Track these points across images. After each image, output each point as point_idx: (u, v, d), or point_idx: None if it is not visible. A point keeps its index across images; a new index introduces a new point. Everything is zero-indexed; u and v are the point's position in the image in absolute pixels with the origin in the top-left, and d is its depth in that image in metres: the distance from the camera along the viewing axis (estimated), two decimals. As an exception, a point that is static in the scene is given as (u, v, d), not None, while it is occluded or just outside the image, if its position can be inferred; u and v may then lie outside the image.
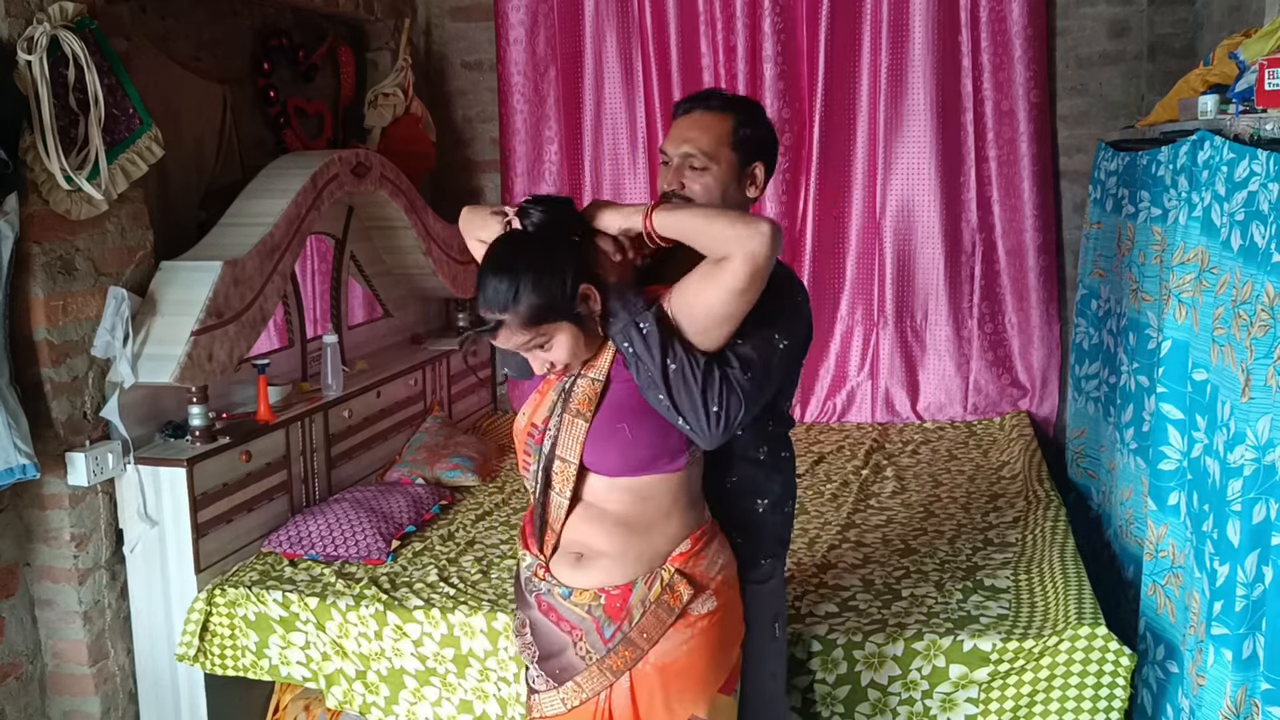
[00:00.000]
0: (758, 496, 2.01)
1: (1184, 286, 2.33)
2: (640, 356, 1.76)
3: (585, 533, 1.85)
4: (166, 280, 2.70)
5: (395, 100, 3.93)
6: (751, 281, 1.72)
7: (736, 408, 1.76)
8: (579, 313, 1.77)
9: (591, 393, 1.82)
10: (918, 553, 2.86)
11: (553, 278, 1.74)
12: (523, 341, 1.78)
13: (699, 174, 1.92)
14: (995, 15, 3.95)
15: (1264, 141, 2.05)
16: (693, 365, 1.75)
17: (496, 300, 1.74)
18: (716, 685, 1.87)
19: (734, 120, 1.94)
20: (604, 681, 1.82)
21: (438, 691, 2.57)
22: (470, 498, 3.37)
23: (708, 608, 1.85)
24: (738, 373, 1.77)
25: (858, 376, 4.25)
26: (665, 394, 1.75)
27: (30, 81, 2.31)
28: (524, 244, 1.79)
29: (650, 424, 1.80)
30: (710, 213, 1.78)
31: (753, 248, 1.69)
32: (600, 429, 1.81)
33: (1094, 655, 2.26)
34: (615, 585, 1.82)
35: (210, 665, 2.69)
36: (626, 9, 4.20)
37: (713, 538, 1.90)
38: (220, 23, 3.27)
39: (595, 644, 1.83)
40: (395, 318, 4.01)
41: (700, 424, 1.76)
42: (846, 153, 4.14)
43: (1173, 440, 2.42)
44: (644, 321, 1.77)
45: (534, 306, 1.73)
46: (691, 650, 1.83)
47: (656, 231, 1.78)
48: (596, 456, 1.82)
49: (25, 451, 2.32)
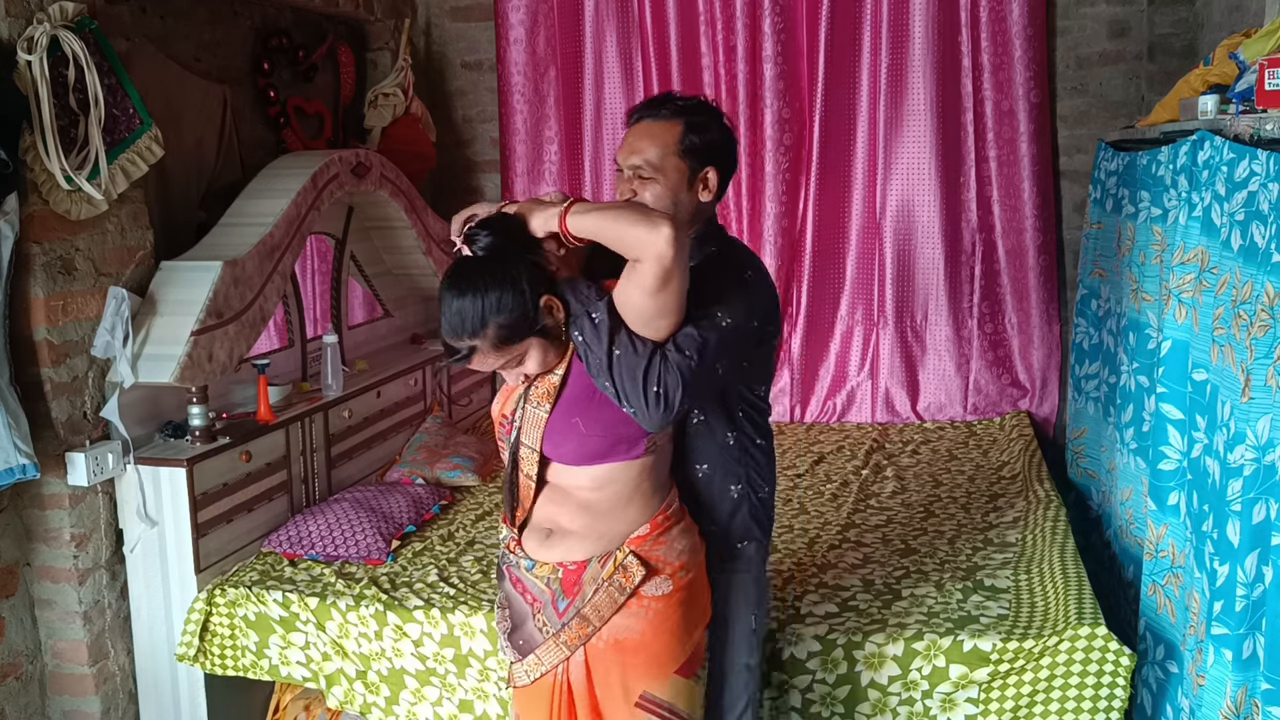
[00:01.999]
0: (732, 484, 2.04)
1: (1184, 286, 2.33)
2: (589, 344, 1.82)
3: (553, 512, 1.94)
4: (166, 280, 2.70)
5: (395, 100, 3.93)
6: (664, 281, 1.75)
7: (675, 386, 1.79)
8: (544, 325, 1.83)
9: (549, 386, 1.89)
10: (918, 553, 2.86)
11: (514, 296, 1.79)
12: (497, 363, 1.84)
13: (648, 183, 1.95)
14: (995, 15, 3.95)
15: (1264, 141, 2.05)
16: (635, 349, 1.80)
17: (464, 327, 1.79)
18: (673, 666, 1.92)
19: (682, 127, 1.96)
20: (560, 655, 1.90)
21: (438, 691, 2.57)
22: (470, 498, 3.37)
23: (663, 590, 1.90)
24: (676, 354, 1.81)
25: (858, 376, 4.25)
26: (609, 379, 1.81)
27: (30, 81, 2.31)
28: (479, 266, 1.82)
29: (604, 416, 1.86)
30: (615, 215, 1.79)
31: (658, 249, 1.72)
32: (556, 422, 1.88)
33: (1094, 655, 2.26)
34: (574, 561, 1.90)
35: (210, 665, 2.69)
36: (626, 9, 4.20)
37: (675, 524, 1.95)
38: (220, 23, 3.27)
39: (550, 617, 1.90)
40: (395, 318, 4.01)
41: (641, 405, 1.80)
42: (846, 153, 4.14)
43: (1173, 440, 2.43)
44: (596, 312, 1.82)
45: (501, 327, 1.79)
46: (645, 629, 1.88)
47: (571, 234, 1.82)
48: (554, 446, 1.90)
49: (25, 451, 2.32)
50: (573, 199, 1.86)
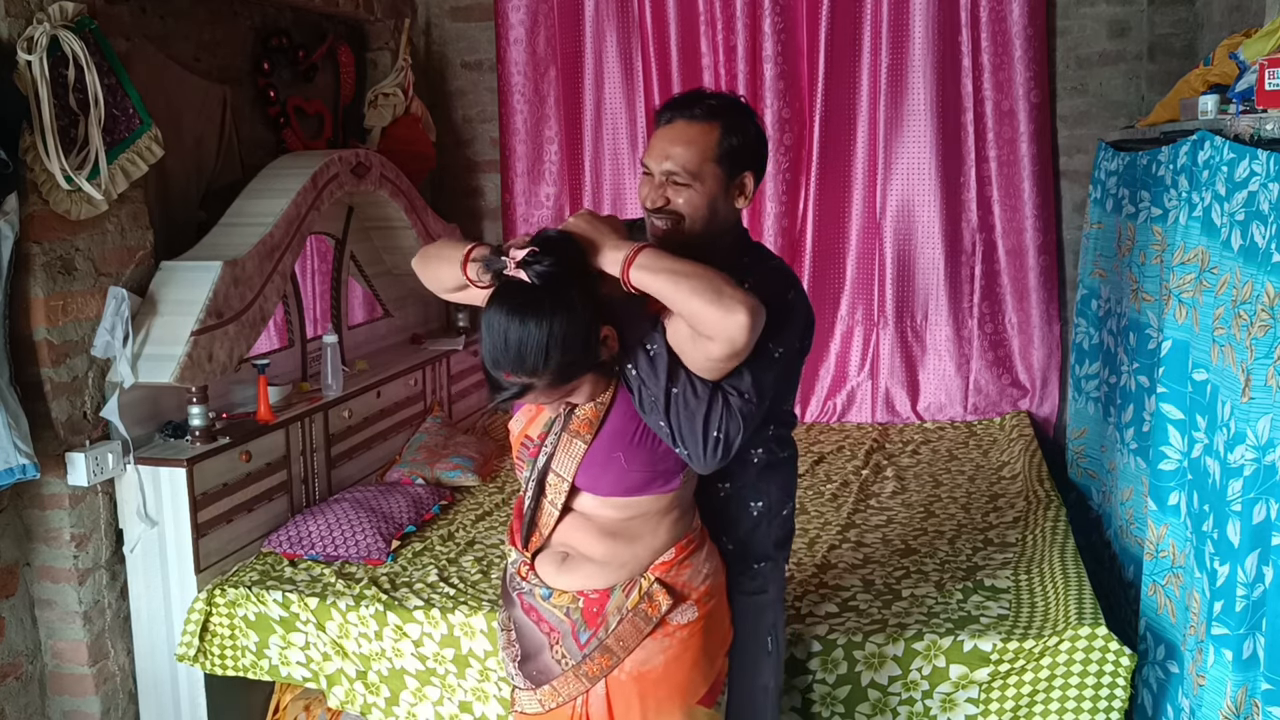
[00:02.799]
0: (752, 501, 1.97)
1: (1184, 286, 2.33)
2: (645, 380, 1.72)
3: (573, 537, 1.84)
4: (166, 280, 2.70)
5: (395, 100, 3.93)
6: (731, 360, 1.67)
7: (736, 433, 1.72)
8: (601, 360, 1.72)
9: (593, 416, 1.78)
10: (918, 553, 2.86)
11: (577, 332, 1.63)
12: (550, 400, 1.72)
13: (684, 189, 1.82)
14: (995, 15, 3.95)
15: (1264, 141, 2.05)
16: (695, 390, 1.70)
17: (523, 364, 1.62)
18: (696, 697, 1.85)
19: (720, 131, 1.82)
20: (580, 687, 1.81)
21: (438, 691, 2.57)
22: (470, 498, 3.37)
23: (688, 617, 1.83)
24: (737, 398, 1.71)
25: (858, 376, 4.25)
26: (665, 419, 1.71)
27: (30, 81, 2.31)
28: (537, 297, 1.63)
29: (646, 451, 1.77)
30: (687, 285, 1.63)
31: (730, 334, 1.62)
32: (597, 455, 1.78)
33: (1094, 655, 2.26)
34: (595, 590, 1.81)
35: (210, 665, 2.69)
36: (626, 9, 4.20)
37: (699, 547, 1.88)
38: (220, 23, 3.27)
39: (571, 649, 1.81)
40: (395, 318, 4.01)
41: (698, 450, 1.72)
42: (846, 153, 4.14)
43: (1173, 440, 2.42)
44: (651, 344, 1.72)
45: (563, 365, 1.63)
46: (670, 660, 1.81)
47: (633, 286, 1.68)
48: (591, 480, 1.80)
49: (25, 451, 2.32)
50: (642, 245, 1.69)
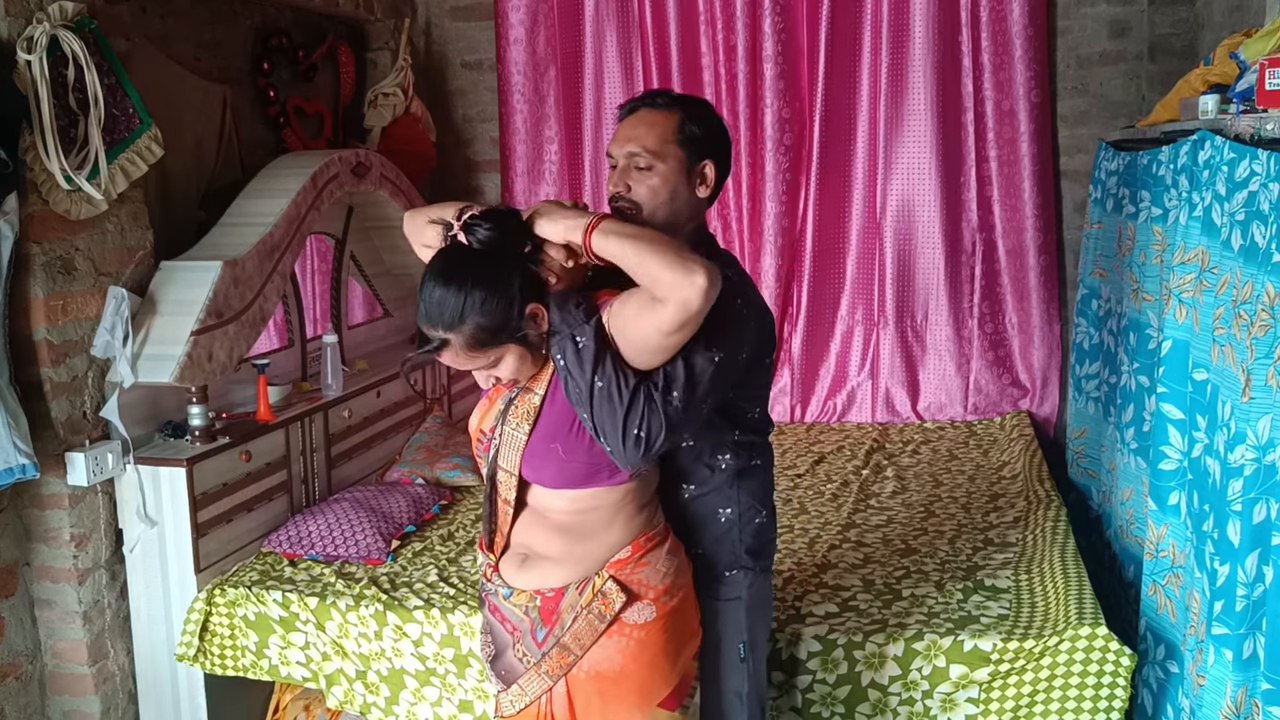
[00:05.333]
0: (720, 507, 1.94)
1: (1184, 286, 2.33)
2: (570, 371, 1.72)
3: (530, 536, 1.85)
4: (166, 280, 2.70)
5: (395, 100, 3.93)
6: (683, 327, 1.65)
7: (658, 430, 1.70)
8: (526, 334, 1.73)
9: (529, 408, 1.79)
10: (918, 553, 2.86)
11: (500, 300, 1.68)
12: (468, 364, 1.74)
13: (645, 174, 1.84)
14: (995, 15, 3.95)
15: (1264, 141, 2.05)
16: (620, 385, 1.69)
17: (440, 317, 1.69)
18: (657, 698, 1.83)
19: (680, 116, 1.86)
20: (542, 685, 1.82)
21: (438, 692, 2.57)
22: (470, 498, 3.37)
23: (645, 617, 1.81)
24: (661, 394, 1.70)
25: (858, 376, 4.25)
26: (589, 412, 1.71)
27: (30, 81, 2.31)
28: (470, 260, 1.70)
29: (584, 444, 1.76)
30: (647, 248, 1.65)
31: (685, 297, 1.61)
32: (536, 446, 1.79)
33: (1094, 655, 2.26)
34: (551, 588, 1.82)
35: (210, 665, 2.69)
36: (626, 9, 4.20)
37: (658, 546, 1.86)
38: (220, 23, 3.27)
39: (530, 647, 1.83)
40: (395, 318, 4.01)
41: (619, 446, 1.71)
42: (846, 153, 4.14)
43: (1173, 440, 2.42)
44: (581, 335, 1.72)
45: (479, 328, 1.68)
46: (628, 660, 1.80)
47: (595, 253, 1.70)
48: (534, 470, 1.81)
49: (25, 451, 2.32)
50: (602, 214, 1.73)
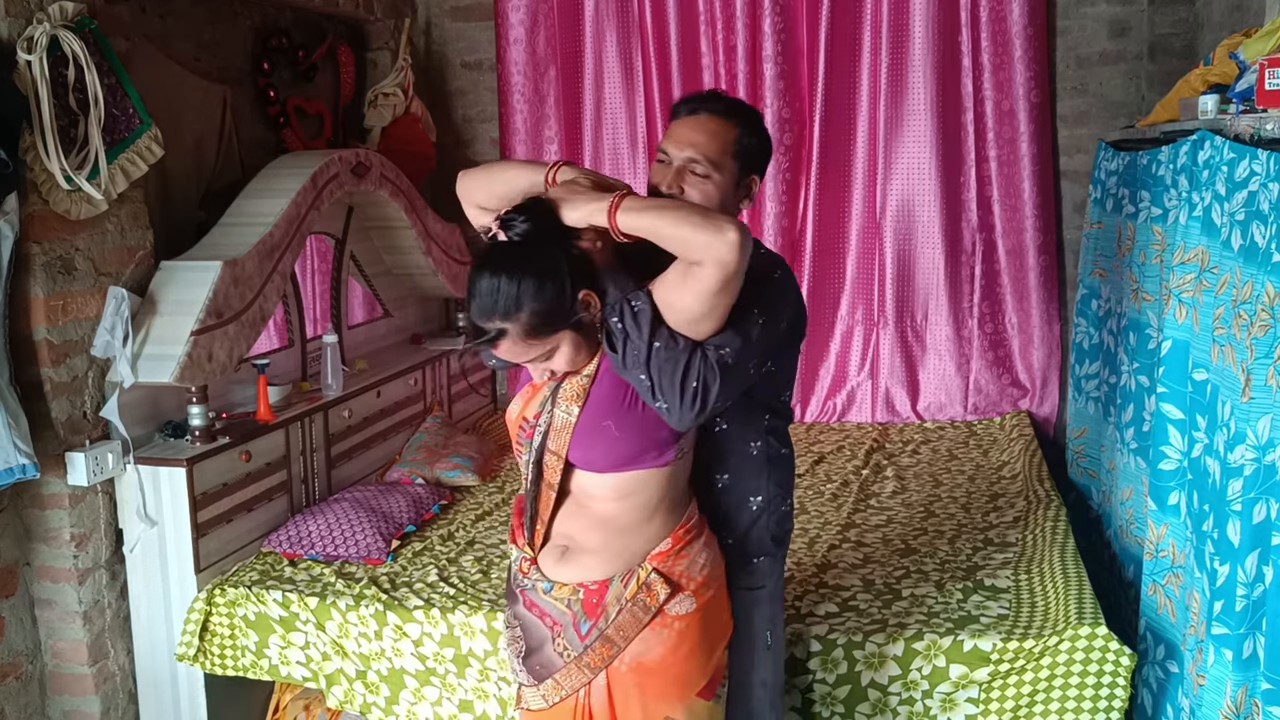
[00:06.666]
0: (750, 494, 1.97)
1: (1184, 286, 2.33)
2: (629, 333, 1.74)
3: (571, 527, 1.86)
4: (166, 280, 2.70)
5: (395, 100, 3.93)
6: (725, 285, 1.68)
7: (713, 382, 1.73)
8: (580, 319, 1.74)
9: (578, 388, 1.80)
10: (918, 553, 2.86)
11: (553, 284, 1.69)
12: (524, 355, 1.74)
13: (701, 181, 1.86)
14: (995, 15, 3.95)
15: (1264, 141, 2.05)
16: (676, 342, 1.73)
17: (496, 307, 1.68)
18: (695, 689, 1.86)
19: (740, 129, 1.89)
20: (582, 679, 1.83)
21: (438, 691, 2.57)
22: (470, 498, 3.37)
23: (686, 608, 1.83)
24: (715, 352, 1.74)
25: (858, 376, 4.25)
26: (646, 371, 1.73)
27: (30, 81, 2.31)
28: (517, 250, 1.71)
29: (636, 418, 1.79)
30: (674, 215, 1.68)
31: (721, 254, 1.63)
32: (586, 424, 1.80)
33: (1094, 655, 2.26)
34: (594, 581, 1.83)
35: (210, 665, 2.69)
36: (626, 9, 4.20)
37: (696, 537, 1.88)
38: (220, 23, 3.27)
39: (572, 640, 1.83)
40: (395, 318, 4.01)
41: (675, 401, 1.73)
42: (846, 153, 4.14)
43: (1173, 440, 2.42)
44: (636, 300, 1.74)
45: (535, 314, 1.68)
46: (667, 651, 1.82)
47: (621, 231, 1.71)
48: (583, 452, 1.81)
49: (25, 451, 2.32)
50: (621, 192, 1.74)
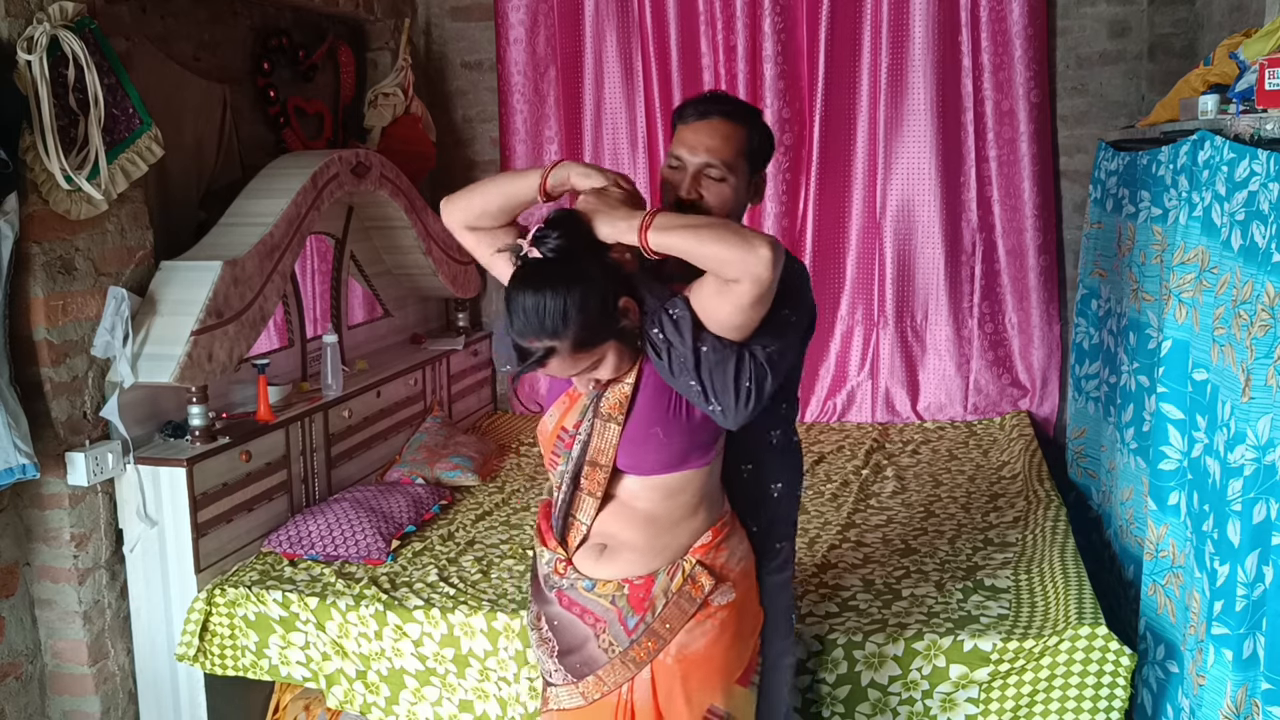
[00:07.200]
0: (772, 481, 2.04)
1: (1184, 286, 2.33)
2: (671, 341, 1.75)
3: (612, 526, 1.88)
4: (166, 280, 2.70)
5: (395, 100, 3.93)
6: (761, 299, 1.70)
7: (763, 378, 1.76)
8: (623, 327, 1.75)
9: (622, 397, 1.81)
10: (918, 553, 2.86)
11: (596, 295, 1.68)
12: (573, 369, 1.74)
13: (718, 184, 1.87)
14: (995, 15, 3.95)
15: (1264, 141, 2.05)
16: (723, 344, 1.75)
17: (544, 325, 1.66)
18: (734, 676, 1.90)
19: (749, 130, 1.92)
20: (626, 674, 1.84)
21: (438, 691, 2.57)
22: (470, 498, 3.37)
23: (727, 599, 1.87)
24: (761, 350, 1.76)
25: (858, 376, 4.25)
26: (696, 377, 1.75)
27: (30, 81, 2.31)
28: (554, 266, 1.69)
29: (682, 422, 1.82)
30: (706, 234, 1.70)
31: (756, 272, 1.66)
32: (634, 433, 1.82)
33: (1094, 655, 2.26)
34: (639, 576, 1.85)
35: (210, 665, 2.69)
36: (626, 9, 4.20)
37: (733, 530, 1.93)
38: (220, 23, 3.27)
39: (619, 635, 1.84)
40: (395, 318, 4.01)
41: (730, 402, 1.75)
42: (846, 153, 4.14)
43: (1173, 440, 2.42)
44: (674, 308, 1.76)
45: (582, 327, 1.67)
46: (710, 642, 1.86)
47: (652, 250, 1.72)
48: (632, 459, 1.84)
49: (25, 451, 2.32)
50: (653, 210, 1.75)
